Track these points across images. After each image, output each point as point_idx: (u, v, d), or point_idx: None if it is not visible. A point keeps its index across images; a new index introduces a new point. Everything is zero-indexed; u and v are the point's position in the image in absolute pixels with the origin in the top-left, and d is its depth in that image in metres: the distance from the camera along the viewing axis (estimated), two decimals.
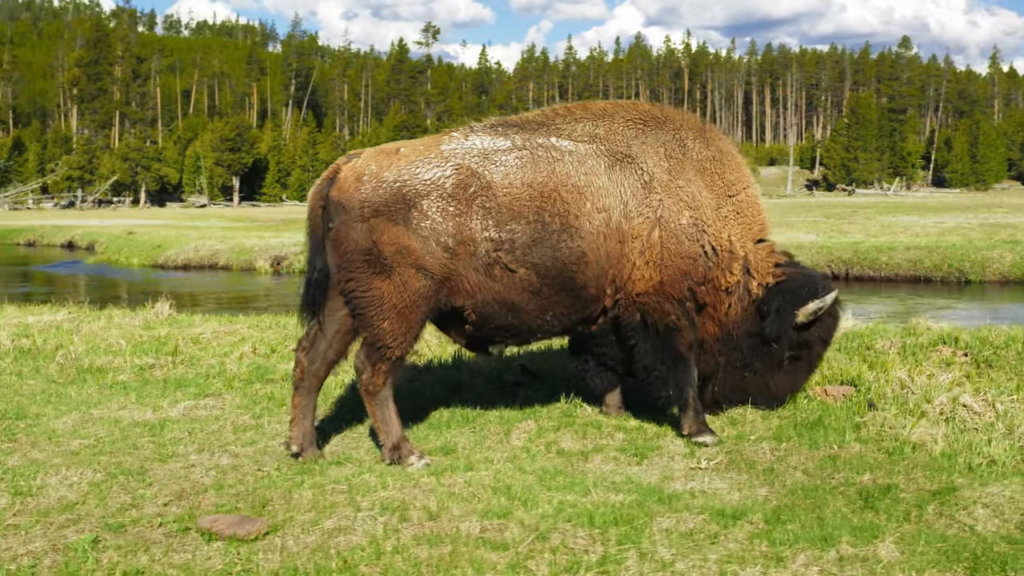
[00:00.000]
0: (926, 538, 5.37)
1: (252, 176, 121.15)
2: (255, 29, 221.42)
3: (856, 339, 11.42)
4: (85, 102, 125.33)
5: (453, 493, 6.18)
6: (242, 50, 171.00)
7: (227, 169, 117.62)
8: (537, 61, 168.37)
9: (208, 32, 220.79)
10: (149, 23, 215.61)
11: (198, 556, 5.36)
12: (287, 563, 5.22)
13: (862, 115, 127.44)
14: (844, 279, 26.22)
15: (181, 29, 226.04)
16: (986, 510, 5.78)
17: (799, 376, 8.05)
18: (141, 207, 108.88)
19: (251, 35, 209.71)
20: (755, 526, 5.57)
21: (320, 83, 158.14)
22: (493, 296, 7.04)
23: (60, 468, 6.88)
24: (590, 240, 7.11)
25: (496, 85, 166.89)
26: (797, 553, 5.16)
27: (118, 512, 6.04)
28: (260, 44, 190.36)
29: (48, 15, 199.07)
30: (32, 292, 27.78)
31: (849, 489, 6.25)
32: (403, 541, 5.42)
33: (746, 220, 7.69)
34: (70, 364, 10.41)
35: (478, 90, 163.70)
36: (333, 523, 5.70)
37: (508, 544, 5.32)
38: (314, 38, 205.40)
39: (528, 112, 7.73)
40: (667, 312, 7.37)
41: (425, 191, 6.86)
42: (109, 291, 28.84)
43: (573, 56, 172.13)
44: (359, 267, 6.85)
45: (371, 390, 7.02)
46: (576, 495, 6.12)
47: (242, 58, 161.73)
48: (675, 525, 5.56)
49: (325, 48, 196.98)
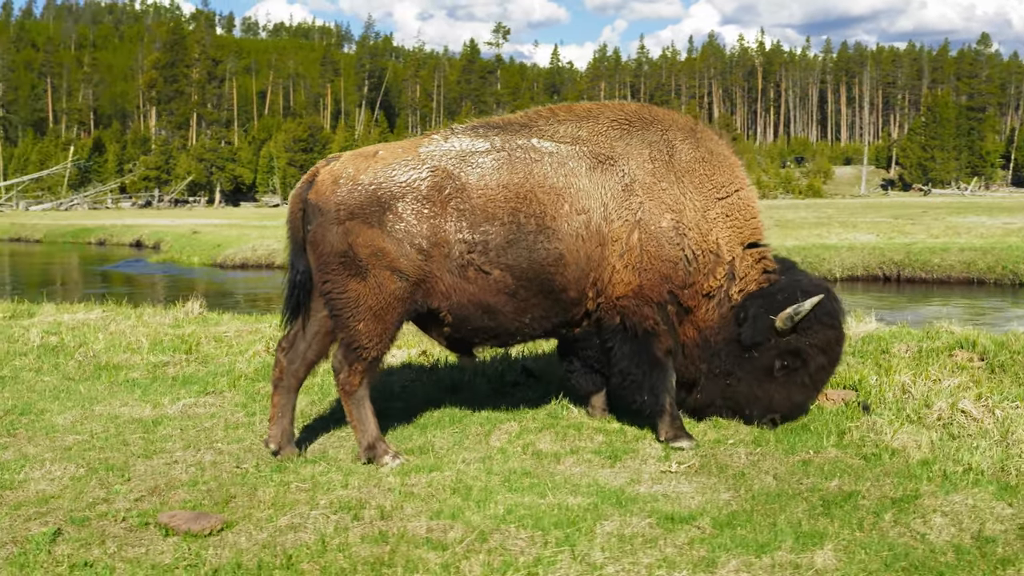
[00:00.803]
0: (870, 546, 5.31)
1: None
2: (331, 31, 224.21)
3: (873, 343, 11.27)
4: (162, 103, 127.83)
5: (412, 493, 6.24)
6: (317, 51, 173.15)
7: (300, 169, 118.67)
8: (609, 60, 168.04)
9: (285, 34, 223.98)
10: (227, 25, 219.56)
11: (151, 550, 5.47)
12: (233, 559, 5.31)
13: (940, 113, 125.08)
14: (896, 281, 25.81)
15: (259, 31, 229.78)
16: (944, 519, 5.68)
17: (798, 389, 7.66)
18: (216, 207, 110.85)
19: (327, 37, 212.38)
20: (701, 531, 5.54)
21: (393, 84, 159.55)
22: (468, 298, 7.07)
23: (47, 463, 7.07)
24: (568, 242, 7.11)
25: (568, 85, 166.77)
26: (731, 558, 5.12)
27: (88, 506, 6.18)
28: (335, 46, 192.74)
29: (130, 18, 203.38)
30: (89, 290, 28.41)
31: (813, 495, 6.18)
32: (349, 540, 5.49)
33: (736, 223, 7.59)
34: (88, 361, 10.67)
35: (550, 90, 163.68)
36: (287, 520, 5.79)
37: (448, 544, 5.36)
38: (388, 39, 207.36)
39: (512, 114, 7.73)
40: (646, 316, 7.33)
41: (400, 193, 6.92)
42: (163, 289, 29.41)
43: (645, 55, 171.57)
44: (335, 269, 6.94)
45: (348, 390, 7.11)
46: (534, 496, 6.15)
47: (317, 59, 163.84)
48: (619, 528, 5.55)
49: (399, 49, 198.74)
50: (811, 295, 7.43)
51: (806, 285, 7.64)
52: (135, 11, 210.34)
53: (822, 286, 7.74)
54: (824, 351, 7.59)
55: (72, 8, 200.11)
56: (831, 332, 7.58)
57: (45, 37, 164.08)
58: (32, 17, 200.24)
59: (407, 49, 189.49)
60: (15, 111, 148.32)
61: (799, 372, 7.60)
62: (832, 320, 7.58)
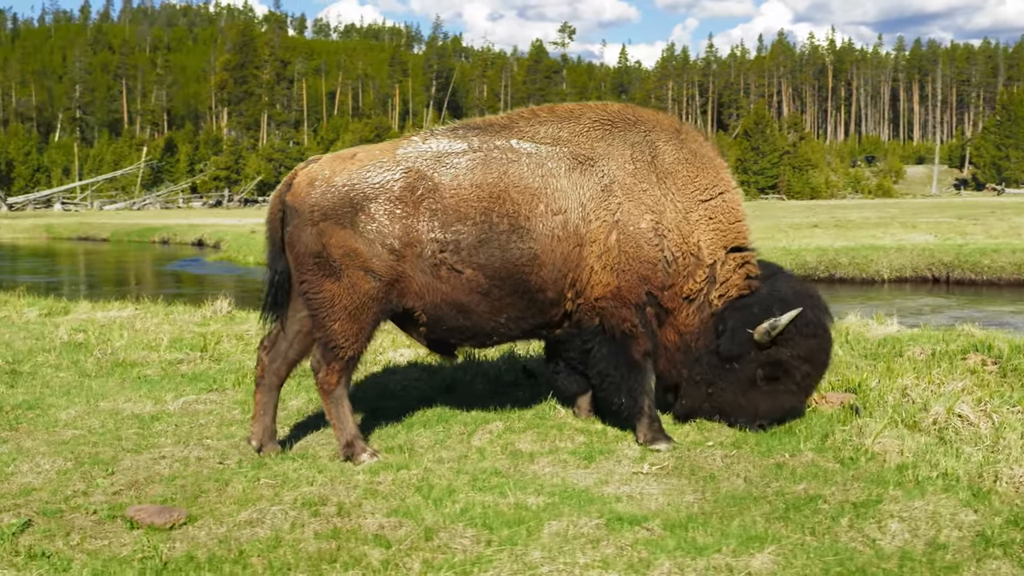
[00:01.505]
0: (814, 550, 5.28)
1: None
2: (400, 32, 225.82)
3: (888, 345, 11.16)
4: (232, 104, 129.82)
5: (376, 491, 6.32)
6: (386, 52, 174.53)
7: None
8: (676, 60, 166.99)
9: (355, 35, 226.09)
10: (299, 27, 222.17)
11: (113, 543, 5.61)
12: (187, 552, 5.44)
13: (1015, 112, 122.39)
14: (945, 283, 25.35)
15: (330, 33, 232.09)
16: (901, 525, 5.63)
17: (783, 398, 7.57)
18: None
19: (396, 37, 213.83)
20: (650, 532, 5.55)
21: (461, 84, 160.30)
22: (442, 297, 7.13)
23: (38, 456, 7.27)
24: (544, 242, 7.13)
25: (635, 84, 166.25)
26: (667, 560, 5.12)
27: (65, 499, 6.35)
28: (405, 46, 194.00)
29: (203, 21, 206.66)
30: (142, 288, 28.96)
31: (778, 498, 6.15)
32: (303, 535, 5.58)
33: (719, 226, 7.54)
34: (106, 358, 10.92)
35: (617, 89, 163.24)
36: (247, 515, 5.90)
37: (394, 542, 5.43)
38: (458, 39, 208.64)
39: (494, 115, 7.77)
40: (624, 318, 7.32)
41: (373, 194, 7.01)
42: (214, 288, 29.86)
43: (714, 54, 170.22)
44: (310, 269, 7.05)
45: (326, 388, 7.21)
46: (495, 496, 6.19)
47: (385, 60, 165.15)
48: (566, 528, 5.58)
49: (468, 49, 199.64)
50: (790, 306, 7.32)
51: (786, 295, 7.49)
52: (209, 13, 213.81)
53: (802, 296, 7.57)
54: (807, 360, 7.47)
55: (147, 11, 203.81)
56: (813, 342, 7.45)
57: (121, 40, 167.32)
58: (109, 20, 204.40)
59: (476, 49, 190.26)
60: (91, 112, 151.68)
61: (784, 381, 7.51)
62: (814, 330, 7.44)
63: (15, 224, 67.93)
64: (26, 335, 12.44)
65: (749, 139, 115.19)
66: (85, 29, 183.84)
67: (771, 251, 28.49)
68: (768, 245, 30.14)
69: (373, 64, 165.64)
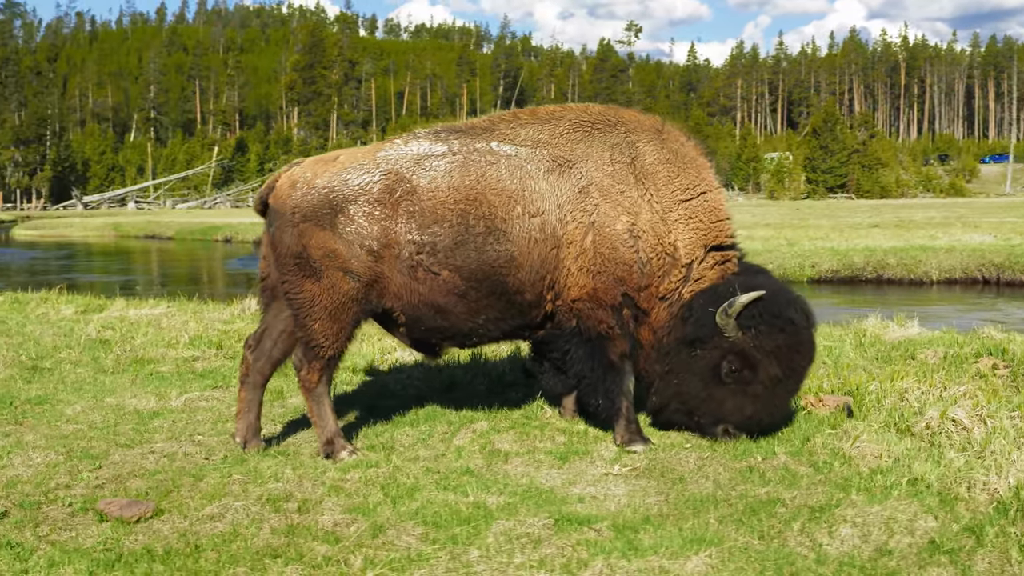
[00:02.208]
0: (755, 554, 5.28)
1: None
2: (470, 31, 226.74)
3: (902, 348, 11.03)
4: (301, 104, 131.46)
5: (341, 488, 6.43)
6: (455, 51, 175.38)
7: None
8: (746, 57, 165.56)
9: (425, 35, 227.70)
10: (370, 27, 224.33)
11: (80, 535, 5.78)
12: (147, 545, 5.58)
13: None
14: (995, 284, 24.86)
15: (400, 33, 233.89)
16: (853, 529, 5.60)
17: (749, 400, 7.28)
18: None
19: (466, 37, 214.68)
20: (597, 533, 5.58)
21: (528, 83, 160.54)
22: (419, 298, 7.22)
23: (34, 449, 7.48)
24: (520, 244, 7.18)
25: (704, 82, 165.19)
26: (601, 561, 5.16)
27: (47, 491, 6.54)
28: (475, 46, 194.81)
29: (276, 22, 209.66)
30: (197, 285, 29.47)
31: (739, 501, 6.15)
32: (259, 531, 5.70)
33: (699, 226, 7.51)
34: (125, 355, 11.18)
35: (685, 87, 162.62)
36: (212, 510, 6.05)
37: (343, 538, 5.54)
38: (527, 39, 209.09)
39: (476, 118, 7.84)
40: (600, 319, 7.34)
41: (352, 196, 7.12)
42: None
43: (784, 52, 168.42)
44: (291, 270, 7.19)
45: (307, 387, 7.34)
46: (457, 495, 6.26)
47: (454, 60, 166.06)
48: (513, 528, 5.63)
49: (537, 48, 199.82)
50: (747, 292, 7.12)
51: (756, 284, 7.31)
52: (281, 14, 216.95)
53: (776, 288, 7.44)
54: (775, 356, 7.20)
55: (221, 12, 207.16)
56: (781, 336, 7.21)
57: (195, 41, 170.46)
58: (184, 22, 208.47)
59: (545, 48, 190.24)
60: (165, 112, 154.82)
61: (750, 381, 7.27)
62: (783, 323, 7.22)
63: (87, 222, 69.67)
64: (56, 332, 12.76)
65: (817, 137, 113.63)
66: (161, 31, 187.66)
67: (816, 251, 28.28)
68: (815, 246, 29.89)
69: (442, 64, 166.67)
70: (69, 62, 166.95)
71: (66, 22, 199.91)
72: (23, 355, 11.17)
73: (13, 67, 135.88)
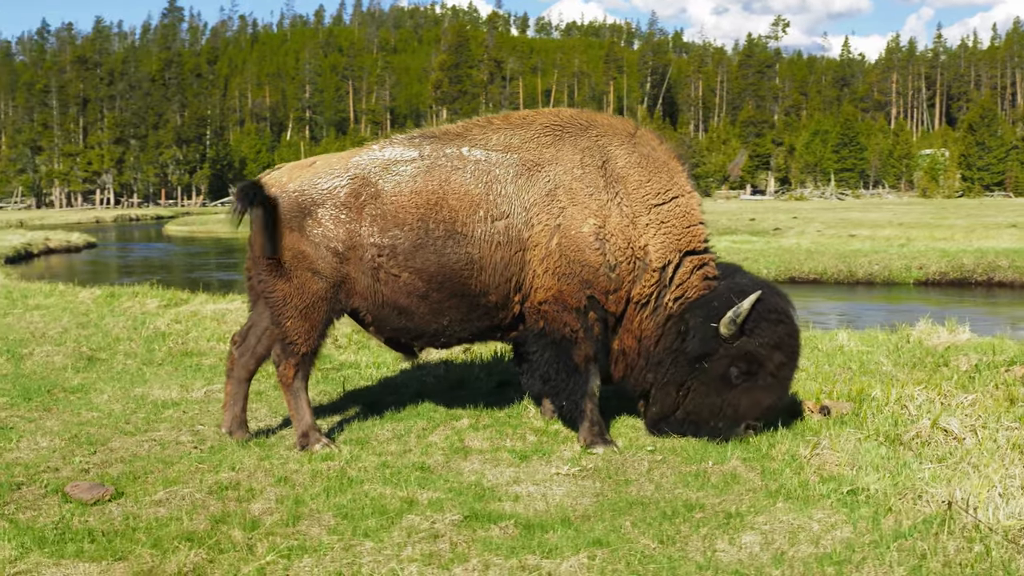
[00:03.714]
0: (638, 558, 5.34)
1: None
2: (620, 28, 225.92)
3: (939, 354, 10.79)
4: (447, 103, 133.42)
5: (289, 479, 6.74)
6: (603, 49, 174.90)
7: None
8: (902, 51, 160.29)
9: (576, 33, 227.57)
10: (521, 26, 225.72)
11: (41, 514, 6.21)
12: (92, 525, 5.96)
13: None
14: None
15: (551, 31, 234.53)
16: (756, 537, 5.61)
17: (762, 393, 7.47)
18: None
19: (617, 34, 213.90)
20: (502, 531, 5.70)
21: (677, 80, 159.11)
22: (384, 299, 7.49)
23: (44, 435, 8.04)
24: (482, 247, 7.36)
25: (857, 77, 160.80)
26: (477, 557, 5.31)
27: (34, 473, 7.03)
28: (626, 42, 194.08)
29: (429, 22, 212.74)
30: None
31: (667, 506, 6.19)
32: (195, 516, 6.02)
33: (672, 230, 7.56)
34: (177, 348, 11.80)
35: (838, 83, 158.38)
36: (162, 495, 6.44)
37: (260, 525, 5.83)
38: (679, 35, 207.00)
39: (451, 123, 8.02)
40: (565, 322, 7.45)
41: (320, 200, 7.44)
42: None
43: (943, 45, 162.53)
44: (265, 270, 7.56)
45: (285, 382, 7.70)
46: (395, 489, 6.48)
47: (601, 57, 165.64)
48: (420, 522, 5.82)
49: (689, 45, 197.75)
50: (748, 295, 7.27)
51: (745, 286, 7.46)
52: (435, 15, 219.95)
53: (761, 284, 7.55)
54: (778, 347, 7.40)
55: (375, 14, 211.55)
56: (781, 327, 7.41)
57: (349, 42, 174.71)
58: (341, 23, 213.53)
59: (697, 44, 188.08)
60: (320, 112, 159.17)
61: (760, 375, 7.41)
62: (779, 316, 7.42)
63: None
64: (127, 324, 13.52)
65: (974, 133, 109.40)
66: (318, 32, 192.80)
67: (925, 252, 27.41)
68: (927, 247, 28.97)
69: (590, 61, 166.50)
70: (231, 64, 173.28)
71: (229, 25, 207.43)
72: (84, 346, 11.91)
73: (176, 69, 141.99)
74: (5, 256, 37.02)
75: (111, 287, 18.49)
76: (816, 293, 24.27)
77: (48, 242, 45.69)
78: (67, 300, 16.65)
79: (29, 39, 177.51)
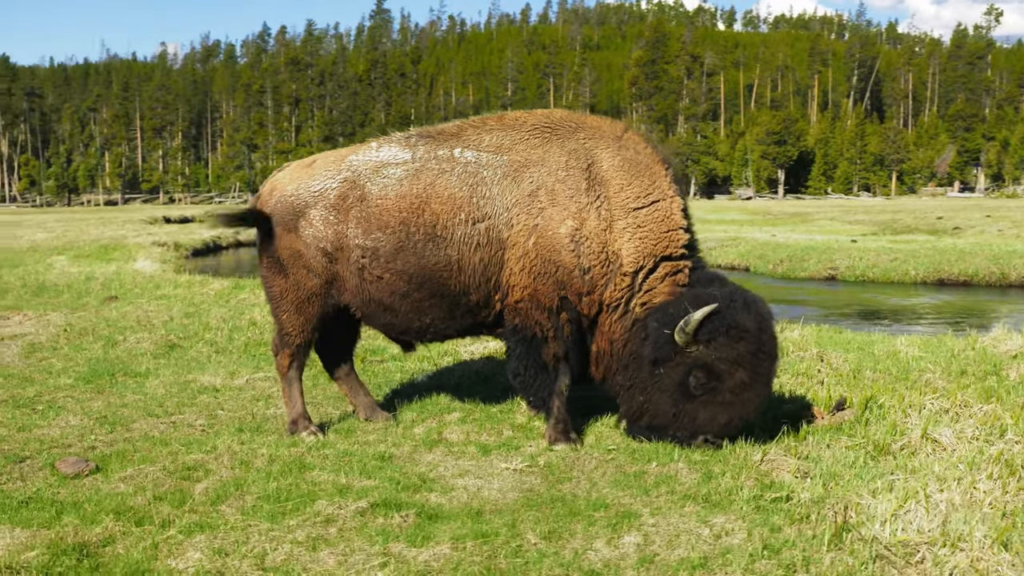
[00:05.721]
0: (507, 552, 5.50)
1: (798, 168, 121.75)
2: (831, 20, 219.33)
3: (989, 363, 10.35)
4: (644, 99, 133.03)
5: (249, 463, 7.17)
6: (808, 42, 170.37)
7: (772, 162, 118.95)
8: None
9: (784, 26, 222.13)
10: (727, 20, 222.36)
11: (26, 485, 6.86)
12: (59, 496, 6.54)
13: None
14: None
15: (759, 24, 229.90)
16: (636, 537, 5.69)
17: (721, 409, 7.30)
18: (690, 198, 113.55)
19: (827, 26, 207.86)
20: (403, 519, 5.95)
21: (886, 72, 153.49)
22: (369, 297, 7.84)
23: (77, 415, 8.79)
24: (462, 249, 7.59)
25: None
26: (355, 542, 5.61)
27: (45, 448, 7.74)
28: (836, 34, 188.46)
29: (634, 18, 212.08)
30: None
31: (580, 503, 6.32)
32: (144, 494, 6.49)
33: (648, 235, 7.58)
34: (255, 338, 12.52)
35: None
36: (131, 472, 7.00)
37: (198, 506, 6.25)
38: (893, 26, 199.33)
39: (447, 123, 8.18)
40: (537, 320, 7.59)
41: (313, 202, 7.87)
42: None
43: None
44: (266, 267, 8.09)
45: (281, 371, 8.19)
46: (338, 476, 6.83)
47: (807, 50, 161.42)
48: (328, 507, 6.13)
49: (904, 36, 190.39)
50: (705, 306, 7.16)
51: (706, 296, 7.31)
52: (640, 11, 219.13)
53: (732, 298, 7.34)
54: (739, 364, 7.21)
55: (579, 11, 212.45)
56: (742, 345, 7.20)
57: (552, 39, 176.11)
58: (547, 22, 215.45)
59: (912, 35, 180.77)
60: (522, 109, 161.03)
61: (719, 391, 7.28)
62: (740, 332, 7.20)
63: None
64: (228, 314, 14.41)
65: None
66: (522, 31, 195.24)
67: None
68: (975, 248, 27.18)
69: (795, 55, 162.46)
70: (437, 63, 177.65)
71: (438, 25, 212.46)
72: (173, 334, 12.76)
73: (381, 69, 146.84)
74: (193, 249, 39.17)
75: (238, 279, 19.44)
76: (958, 295, 23.17)
77: (238, 235, 47.99)
78: (192, 291, 17.78)
79: (252, 42, 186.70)
